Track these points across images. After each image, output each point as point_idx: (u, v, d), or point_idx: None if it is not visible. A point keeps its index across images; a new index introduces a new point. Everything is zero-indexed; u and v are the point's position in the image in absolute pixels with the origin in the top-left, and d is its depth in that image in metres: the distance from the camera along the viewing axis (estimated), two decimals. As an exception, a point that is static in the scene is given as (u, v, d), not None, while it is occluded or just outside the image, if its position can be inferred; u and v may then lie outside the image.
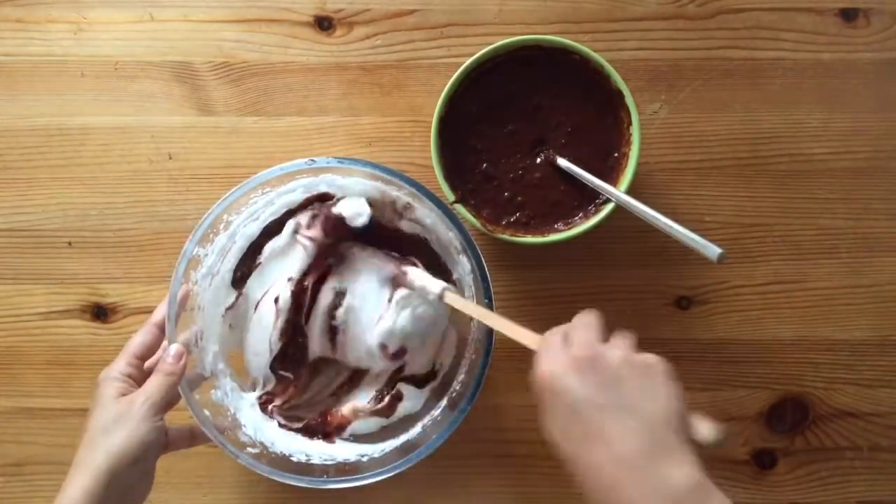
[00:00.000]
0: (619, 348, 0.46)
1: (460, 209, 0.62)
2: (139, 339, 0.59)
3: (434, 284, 0.60)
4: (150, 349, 0.59)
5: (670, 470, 0.42)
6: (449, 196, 0.62)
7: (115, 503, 0.52)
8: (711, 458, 0.69)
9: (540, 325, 0.52)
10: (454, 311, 0.63)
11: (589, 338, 0.47)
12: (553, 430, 0.46)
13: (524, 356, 0.51)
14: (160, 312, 0.60)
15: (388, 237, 0.65)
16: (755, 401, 0.70)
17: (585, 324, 0.49)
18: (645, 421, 0.43)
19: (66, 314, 0.70)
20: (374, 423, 0.65)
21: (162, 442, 0.56)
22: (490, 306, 0.59)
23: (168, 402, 0.56)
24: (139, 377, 0.57)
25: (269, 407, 0.64)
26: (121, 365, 0.57)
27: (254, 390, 0.65)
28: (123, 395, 0.55)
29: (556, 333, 0.49)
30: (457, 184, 0.63)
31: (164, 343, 0.58)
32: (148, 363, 0.59)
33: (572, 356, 0.46)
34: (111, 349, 0.69)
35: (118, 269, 0.70)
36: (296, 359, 0.64)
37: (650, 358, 0.46)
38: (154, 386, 0.55)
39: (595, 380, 0.45)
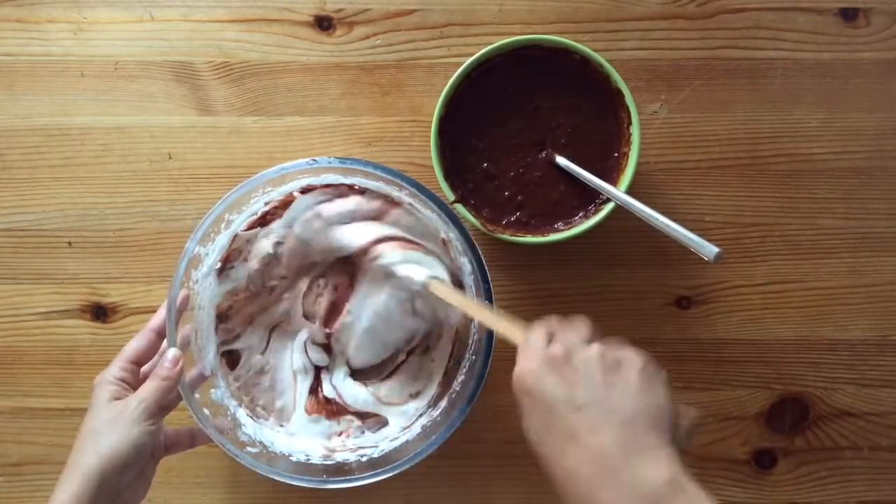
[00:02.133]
0: (597, 347, 0.46)
1: (460, 209, 0.62)
2: (135, 343, 0.58)
3: (418, 273, 0.60)
4: (147, 354, 0.59)
5: (646, 467, 0.41)
6: (449, 195, 0.62)
7: None
8: (711, 459, 0.69)
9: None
10: (442, 304, 0.63)
11: (569, 337, 0.47)
12: (531, 431, 0.46)
13: (524, 356, 0.51)
14: (159, 318, 0.59)
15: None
16: (755, 401, 0.70)
17: (572, 325, 0.48)
18: (620, 419, 0.43)
19: (66, 314, 0.70)
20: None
21: (159, 445, 0.56)
22: (490, 307, 0.59)
23: (163, 406, 0.55)
24: (134, 382, 0.57)
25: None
26: (115, 369, 0.57)
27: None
28: (117, 398, 0.55)
29: (540, 331, 0.49)
30: (457, 183, 0.63)
31: (163, 345, 0.58)
32: (144, 368, 0.59)
33: (548, 355, 0.45)
34: (111, 349, 0.69)
35: (118, 269, 0.70)
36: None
37: (627, 354, 0.46)
38: (149, 390, 0.55)
39: (570, 379, 0.44)
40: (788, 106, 0.70)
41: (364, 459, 0.62)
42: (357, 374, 0.67)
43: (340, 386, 0.66)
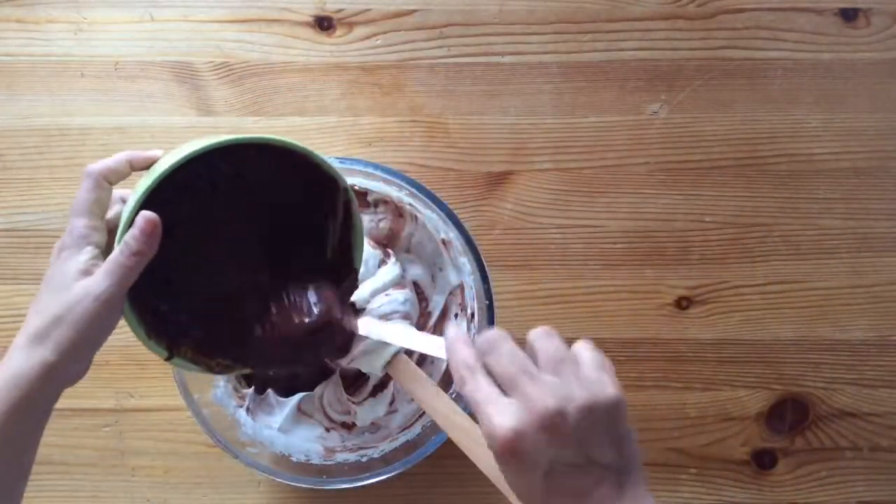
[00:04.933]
0: (581, 391, 0.40)
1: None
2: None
3: (377, 359, 0.56)
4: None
5: None
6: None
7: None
8: (711, 459, 0.69)
9: (540, 326, 0.51)
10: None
11: (546, 386, 0.40)
12: (522, 494, 0.42)
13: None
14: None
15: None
16: (755, 401, 0.70)
17: (544, 352, 0.41)
18: (618, 474, 0.40)
19: (66, 314, 0.70)
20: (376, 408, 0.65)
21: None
22: (491, 306, 0.59)
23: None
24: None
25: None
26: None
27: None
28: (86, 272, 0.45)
29: (488, 384, 0.40)
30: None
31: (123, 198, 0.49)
32: (109, 215, 0.48)
33: (537, 414, 0.39)
34: (111, 349, 0.69)
35: (118, 269, 0.70)
36: None
37: (611, 399, 0.40)
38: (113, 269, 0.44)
39: (564, 440, 0.39)
40: (788, 106, 0.70)
41: (364, 460, 0.62)
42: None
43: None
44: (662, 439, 0.69)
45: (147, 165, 0.48)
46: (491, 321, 0.59)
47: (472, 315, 0.63)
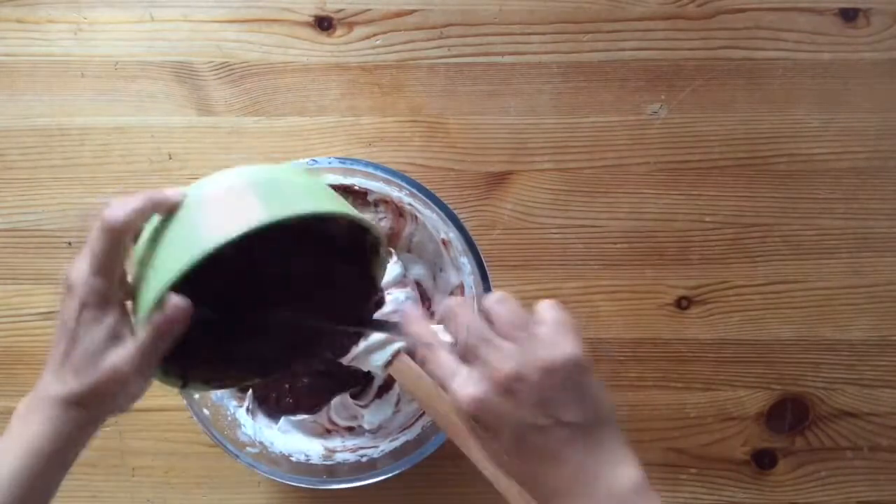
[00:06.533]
0: (539, 352, 0.40)
1: None
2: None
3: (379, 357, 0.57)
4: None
5: (615, 472, 0.40)
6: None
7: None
8: (711, 459, 0.69)
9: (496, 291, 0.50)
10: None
11: (503, 351, 0.40)
12: (495, 459, 0.43)
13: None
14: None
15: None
16: (755, 401, 0.70)
17: (496, 314, 0.42)
18: (586, 431, 0.40)
19: (66, 314, 0.70)
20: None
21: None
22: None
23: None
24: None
25: None
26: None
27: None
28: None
29: (448, 345, 0.42)
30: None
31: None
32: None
33: (495, 379, 0.40)
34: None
35: (118, 269, 0.70)
36: None
37: (570, 357, 0.40)
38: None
39: (528, 400, 0.40)
40: (788, 106, 0.70)
41: (364, 460, 0.62)
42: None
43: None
44: (662, 439, 0.69)
45: (173, 208, 0.44)
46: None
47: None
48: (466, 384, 0.40)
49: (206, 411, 0.58)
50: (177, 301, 0.42)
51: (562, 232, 0.70)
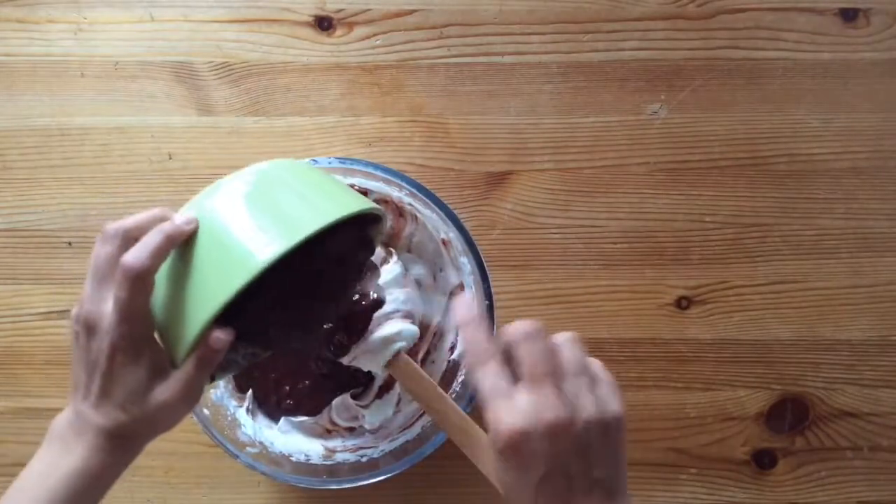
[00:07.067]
0: (592, 406, 0.40)
1: None
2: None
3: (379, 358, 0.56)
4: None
5: None
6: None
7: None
8: (711, 459, 0.69)
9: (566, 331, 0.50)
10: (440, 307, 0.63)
11: (565, 394, 0.40)
12: (514, 487, 0.42)
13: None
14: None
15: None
16: (755, 401, 0.70)
17: (558, 355, 0.41)
18: (607, 491, 0.41)
19: (65, 314, 0.70)
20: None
21: None
22: (491, 306, 0.59)
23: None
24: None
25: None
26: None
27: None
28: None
29: (500, 378, 0.40)
30: None
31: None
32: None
33: (547, 420, 0.39)
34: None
35: (118, 269, 0.70)
36: None
37: (617, 417, 0.41)
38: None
39: (569, 449, 0.40)
40: (788, 106, 0.70)
41: (364, 460, 0.62)
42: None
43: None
44: (662, 439, 0.69)
45: (189, 239, 0.44)
46: (491, 321, 0.59)
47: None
48: (515, 412, 0.39)
49: (206, 411, 0.58)
50: (219, 335, 0.43)
51: (562, 232, 0.70)
